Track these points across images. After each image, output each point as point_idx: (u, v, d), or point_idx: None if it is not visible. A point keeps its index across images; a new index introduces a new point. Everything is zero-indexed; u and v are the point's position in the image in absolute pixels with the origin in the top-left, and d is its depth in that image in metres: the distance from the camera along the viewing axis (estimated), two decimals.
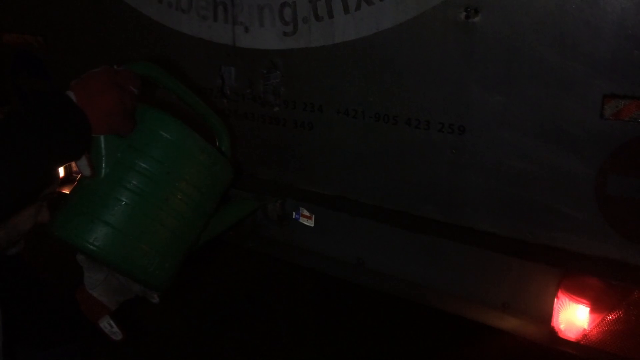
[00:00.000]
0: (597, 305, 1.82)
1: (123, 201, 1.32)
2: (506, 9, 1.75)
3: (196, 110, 1.54)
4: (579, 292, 1.85)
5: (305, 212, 2.49)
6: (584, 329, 1.84)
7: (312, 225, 2.49)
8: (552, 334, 1.91)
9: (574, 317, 1.86)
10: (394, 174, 2.15)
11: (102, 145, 1.30)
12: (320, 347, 3.32)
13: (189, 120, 1.43)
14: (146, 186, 1.34)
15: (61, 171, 3.14)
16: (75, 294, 1.52)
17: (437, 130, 1.98)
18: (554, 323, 1.91)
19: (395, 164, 2.13)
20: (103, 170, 1.32)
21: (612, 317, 1.77)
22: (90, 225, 1.29)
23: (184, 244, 1.47)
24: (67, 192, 2.82)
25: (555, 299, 1.91)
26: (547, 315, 1.94)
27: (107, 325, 1.52)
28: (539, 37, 1.72)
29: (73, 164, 1.64)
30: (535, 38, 1.72)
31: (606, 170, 1.72)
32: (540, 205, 1.88)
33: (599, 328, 1.80)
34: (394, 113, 2.06)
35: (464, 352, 3.04)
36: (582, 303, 1.84)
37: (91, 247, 1.29)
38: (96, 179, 1.32)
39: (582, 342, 1.85)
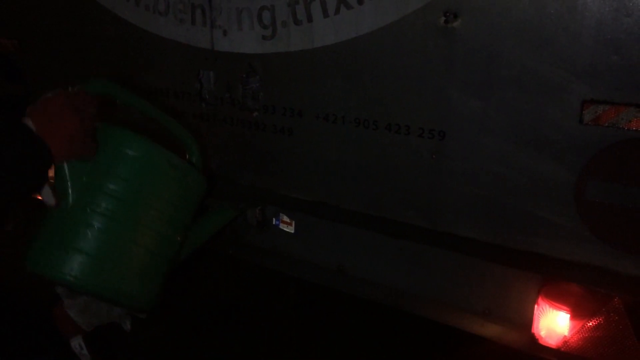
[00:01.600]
0: (578, 311, 1.81)
1: (95, 226, 1.28)
2: (486, 14, 1.74)
3: (161, 124, 1.51)
4: (559, 298, 1.84)
5: (285, 219, 2.46)
6: (565, 336, 1.84)
7: (293, 231, 2.46)
8: (533, 340, 1.91)
9: (554, 323, 1.86)
10: (375, 179, 2.13)
11: (66, 172, 1.26)
12: (303, 354, 3.28)
13: (158, 135, 1.40)
14: (117, 207, 1.31)
15: None
16: (53, 309, 1.49)
17: (418, 135, 1.96)
18: (535, 330, 1.90)
19: (375, 169, 2.11)
20: (70, 197, 1.28)
21: (592, 323, 1.76)
22: (64, 256, 1.25)
23: (164, 261, 1.44)
24: None
25: (536, 306, 1.90)
26: (527, 322, 1.93)
27: (78, 346, 1.51)
28: (519, 42, 1.71)
29: None
30: (514, 43, 1.72)
31: (586, 176, 1.72)
32: (520, 210, 1.87)
33: (580, 335, 1.80)
34: (374, 118, 2.04)
35: (445, 358, 3.03)
36: (563, 310, 1.83)
37: (68, 278, 1.25)
38: (63, 207, 1.28)
39: (562, 349, 1.85)
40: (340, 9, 1.95)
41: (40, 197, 1.27)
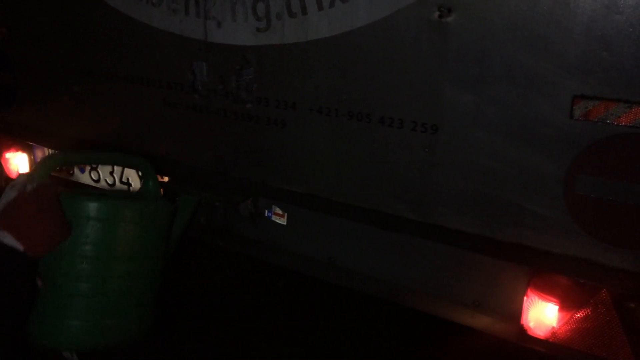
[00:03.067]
0: (566, 303, 1.84)
1: (84, 294, 1.38)
2: (479, 10, 1.76)
3: (113, 163, 1.64)
4: (548, 290, 1.87)
5: (278, 211, 2.47)
6: (553, 327, 1.87)
7: (285, 223, 2.47)
8: (522, 332, 1.94)
9: (543, 315, 1.89)
10: (367, 172, 2.14)
11: (48, 260, 1.31)
12: (294, 346, 3.30)
13: None
14: (100, 271, 1.41)
15: None
16: None
17: (411, 129, 1.98)
18: (524, 321, 1.93)
19: (368, 162, 2.12)
20: (55, 277, 1.37)
21: (580, 315, 1.79)
22: (60, 327, 1.37)
23: (153, 290, 1.58)
24: None
25: (525, 297, 1.93)
26: (516, 314, 1.96)
27: (69, 353, 1.57)
28: (511, 37, 1.73)
29: None
30: (507, 38, 1.74)
31: (575, 170, 1.75)
32: (510, 204, 1.89)
33: (568, 326, 1.83)
34: (367, 111, 2.05)
35: (435, 349, 3.06)
36: (551, 301, 1.86)
37: (69, 345, 1.39)
38: (51, 287, 1.37)
39: (550, 340, 1.88)
40: (335, 2, 1.95)
41: None
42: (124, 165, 1.67)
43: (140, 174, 1.73)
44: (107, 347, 1.45)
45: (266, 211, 2.48)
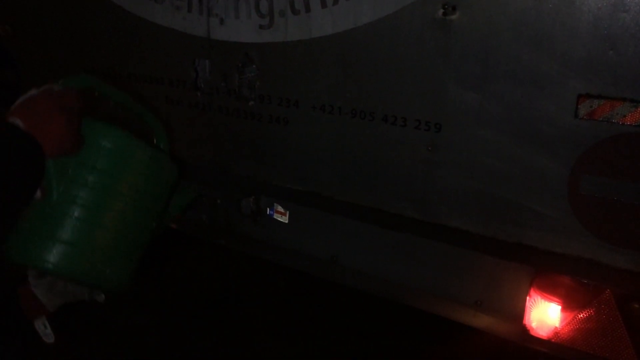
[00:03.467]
0: (569, 303, 1.83)
1: (79, 218, 1.35)
2: (483, 7, 1.74)
3: (133, 112, 1.59)
4: (551, 290, 1.86)
5: (280, 209, 2.46)
6: (556, 327, 1.86)
7: (287, 222, 2.46)
8: (524, 332, 1.93)
9: (545, 315, 1.88)
10: (369, 170, 2.14)
11: (52, 168, 1.30)
12: (296, 345, 3.30)
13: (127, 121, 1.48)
14: (101, 199, 1.38)
15: None
16: (18, 288, 1.51)
17: (414, 127, 1.97)
18: (526, 321, 1.92)
19: (370, 160, 2.11)
20: (55, 191, 1.33)
21: (583, 315, 1.78)
22: (49, 246, 1.32)
23: (141, 246, 1.52)
24: None
25: (528, 297, 1.92)
26: (519, 314, 1.95)
27: (42, 326, 1.54)
28: (516, 36, 1.72)
29: None
30: (511, 37, 1.73)
31: (579, 170, 1.74)
32: (513, 203, 1.88)
33: (570, 326, 1.82)
34: (371, 110, 2.04)
35: (437, 349, 3.06)
36: (554, 301, 1.85)
37: (51, 267, 1.32)
38: (48, 201, 1.33)
39: (553, 340, 1.87)
40: None
41: None
42: (145, 119, 1.63)
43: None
44: (83, 280, 1.41)
45: (268, 209, 2.47)
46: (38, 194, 1.28)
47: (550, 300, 1.86)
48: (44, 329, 1.53)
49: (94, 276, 1.38)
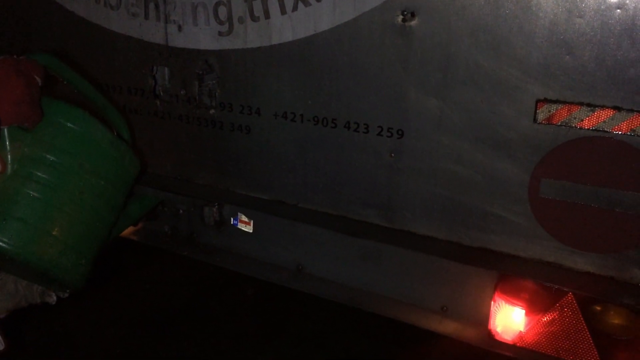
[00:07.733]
0: (532, 307, 1.84)
1: (35, 196, 1.30)
2: (442, 14, 1.75)
3: (95, 103, 1.54)
4: (514, 294, 1.86)
5: (244, 218, 2.42)
6: (520, 331, 1.86)
7: (251, 231, 2.42)
8: (490, 336, 1.92)
9: (510, 319, 1.88)
10: (333, 178, 2.12)
11: (7, 140, 1.27)
12: (265, 353, 3.25)
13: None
14: (58, 179, 1.33)
15: None
16: None
17: (376, 134, 1.96)
18: (491, 326, 1.92)
19: (334, 168, 2.10)
20: (9, 166, 1.29)
21: (546, 319, 1.79)
22: (2, 223, 1.26)
23: (98, 239, 1.47)
24: None
25: (492, 302, 1.92)
26: (484, 318, 1.95)
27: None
28: (474, 41, 1.73)
29: None
30: (470, 43, 1.73)
31: (539, 174, 1.75)
32: (476, 208, 1.89)
33: (534, 330, 1.83)
34: (333, 116, 2.02)
35: (404, 356, 3.05)
36: (518, 305, 1.86)
37: (5, 245, 1.25)
38: (2, 176, 1.28)
39: (518, 344, 1.87)
40: (298, 5, 1.92)
41: None
42: (106, 111, 1.58)
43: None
44: (35, 268, 1.34)
45: (232, 219, 2.42)
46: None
47: (514, 305, 1.86)
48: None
49: (47, 261, 1.31)
